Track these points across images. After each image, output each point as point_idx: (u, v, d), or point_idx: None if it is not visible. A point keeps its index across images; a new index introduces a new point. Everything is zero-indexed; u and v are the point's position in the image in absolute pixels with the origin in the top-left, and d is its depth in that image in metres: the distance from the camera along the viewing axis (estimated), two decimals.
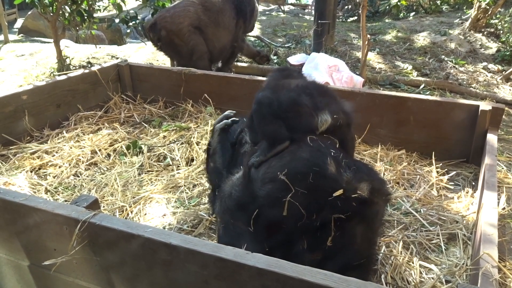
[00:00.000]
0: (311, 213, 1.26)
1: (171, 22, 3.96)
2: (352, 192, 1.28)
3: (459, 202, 2.04)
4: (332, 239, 1.26)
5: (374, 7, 9.42)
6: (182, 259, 1.17)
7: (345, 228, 1.28)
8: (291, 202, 1.25)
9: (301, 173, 1.29)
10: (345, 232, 1.29)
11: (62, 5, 4.71)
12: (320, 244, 1.27)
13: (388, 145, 2.54)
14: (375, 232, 1.43)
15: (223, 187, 1.54)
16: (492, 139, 2.11)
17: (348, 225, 1.28)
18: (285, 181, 1.26)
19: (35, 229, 1.39)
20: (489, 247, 1.28)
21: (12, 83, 4.87)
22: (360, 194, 1.29)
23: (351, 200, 1.27)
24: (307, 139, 1.39)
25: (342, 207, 1.26)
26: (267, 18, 9.22)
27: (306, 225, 1.26)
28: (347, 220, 1.27)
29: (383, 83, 4.74)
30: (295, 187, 1.26)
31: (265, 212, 1.31)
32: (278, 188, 1.28)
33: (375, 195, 1.35)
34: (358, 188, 1.30)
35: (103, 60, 5.54)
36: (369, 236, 1.38)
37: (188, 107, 3.02)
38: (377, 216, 1.39)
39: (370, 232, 1.38)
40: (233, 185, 1.47)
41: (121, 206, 2.03)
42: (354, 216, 1.28)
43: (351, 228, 1.30)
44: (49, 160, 2.38)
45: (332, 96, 1.59)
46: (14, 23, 12.29)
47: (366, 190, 1.31)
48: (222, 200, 1.51)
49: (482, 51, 5.77)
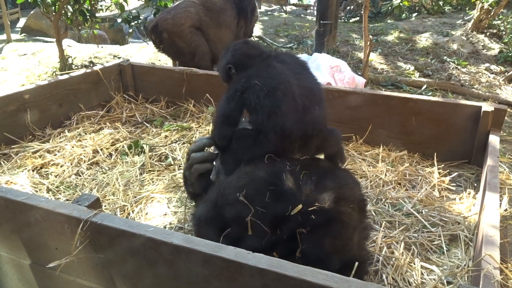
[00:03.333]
0: (274, 229, 1.27)
1: (172, 24, 3.97)
2: (311, 205, 1.27)
3: (461, 203, 2.04)
4: (301, 251, 1.27)
5: (376, 7, 9.42)
6: (184, 259, 1.17)
7: (311, 240, 1.28)
8: (254, 221, 1.26)
9: (259, 193, 1.30)
10: (313, 244, 1.29)
11: (65, 5, 4.73)
12: (290, 257, 1.28)
13: (389, 146, 2.54)
14: (349, 239, 1.39)
15: (196, 209, 1.57)
16: (494, 140, 2.10)
17: (314, 237, 1.28)
18: (245, 202, 1.28)
19: (36, 228, 1.39)
20: (491, 248, 1.28)
21: (14, 82, 4.89)
22: (319, 205, 1.28)
23: (310, 213, 1.26)
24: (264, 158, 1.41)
25: (303, 221, 1.27)
26: (269, 19, 9.22)
27: (273, 241, 1.28)
28: (311, 232, 1.27)
29: (385, 83, 4.74)
30: (255, 206, 1.27)
31: (233, 231, 1.34)
32: (240, 208, 1.30)
33: (340, 204, 1.33)
34: (318, 200, 1.29)
35: (105, 60, 5.55)
36: (340, 245, 1.35)
37: (190, 107, 3.02)
38: (344, 225, 1.35)
39: (340, 241, 1.35)
40: (203, 206, 1.50)
41: (123, 206, 2.03)
42: (318, 228, 1.28)
43: (317, 240, 1.29)
44: (51, 159, 2.39)
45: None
46: (16, 22, 12.32)
47: (328, 200, 1.30)
48: (194, 221, 1.54)
49: (485, 52, 5.76)
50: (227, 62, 1.71)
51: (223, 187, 1.43)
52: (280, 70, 1.55)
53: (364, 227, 1.51)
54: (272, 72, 1.53)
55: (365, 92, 2.57)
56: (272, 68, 1.56)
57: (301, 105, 1.46)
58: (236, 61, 1.68)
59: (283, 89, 1.46)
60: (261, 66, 1.60)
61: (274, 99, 1.43)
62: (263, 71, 1.55)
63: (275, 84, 1.47)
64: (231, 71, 1.69)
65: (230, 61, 1.70)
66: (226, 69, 1.71)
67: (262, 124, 1.44)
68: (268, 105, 1.43)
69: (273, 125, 1.42)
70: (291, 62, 1.64)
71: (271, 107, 1.43)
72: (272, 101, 1.43)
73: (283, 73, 1.53)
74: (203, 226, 1.46)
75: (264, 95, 1.44)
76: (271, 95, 1.44)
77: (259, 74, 1.53)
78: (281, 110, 1.42)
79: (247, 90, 1.49)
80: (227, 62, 1.71)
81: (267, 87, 1.46)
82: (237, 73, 1.67)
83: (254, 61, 1.64)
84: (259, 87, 1.46)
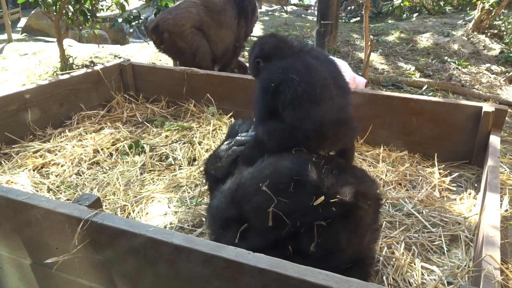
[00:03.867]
0: (294, 221, 1.27)
1: (173, 24, 3.96)
2: (332, 197, 1.27)
3: (462, 203, 2.04)
4: (316, 245, 1.27)
5: (377, 8, 9.41)
6: (184, 259, 1.17)
7: (327, 234, 1.28)
8: (275, 211, 1.26)
9: (283, 182, 1.30)
10: (328, 238, 1.29)
11: (66, 5, 4.73)
12: (304, 250, 1.27)
13: (390, 146, 2.54)
14: (362, 237, 1.40)
15: (212, 200, 1.55)
16: (495, 140, 2.10)
17: (331, 231, 1.28)
18: (268, 192, 1.27)
19: (37, 228, 1.40)
20: (491, 249, 1.28)
21: (15, 82, 4.89)
22: (341, 198, 1.28)
23: (331, 205, 1.26)
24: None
25: (323, 213, 1.26)
26: (269, 19, 9.22)
27: (291, 233, 1.28)
28: (329, 226, 1.27)
29: (385, 84, 4.73)
30: (277, 197, 1.26)
31: (251, 223, 1.33)
32: (262, 199, 1.29)
33: (360, 199, 1.33)
34: (339, 193, 1.29)
35: (106, 60, 5.56)
36: (355, 242, 1.36)
37: (190, 107, 3.02)
38: (361, 221, 1.36)
39: (355, 238, 1.36)
40: (220, 197, 1.48)
41: (123, 205, 2.04)
42: (336, 221, 1.28)
43: (333, 234, 1.29)
44: (51, 159, 2.39)
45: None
46: (17, 22, 12.32)
47: (348, 194, 1.30)
48: (210, 212, 1.52)
49: (485, 52, 5.76)
50: (255, 56, 1.70)
51: (245, 177, 1.41)
52: (316, 66, 1.53)
53: (376, 228, 1.51)
54: (309, 67, 1.51)
55: (365, 92, 2.57)
56: (308, 63, 1.54)
57: (337, 104, 1.47)
58: (265, 54, 1.66)
59: (322, 86, 1.46)
60: (295, 59, 1.57)
61: (313, 96, 1.42)
62: (298, 65, 1.52)
63: (313, 81, 1.45)
64: (259, 64, 1.67)
65: (258, 55, 1.69)
66: (254, 63, 1.69)
67: (299, 120, 1.42)
68: (307, 101, 1.41)
69: (311, 122, 1.41)
70: (323, 60, 1.63)
71: (310, 104, 1.41)
72: (311, 98, 1.42)
73: (319, 70, 1.52)
74: (220, 216, 1.44)
75: (302, 90, 1.42)
76: (310, 91, 1.43)
77: (295, 68, 1.50)
78: (320, 108, 1.42)
79: (284, 83, 1.46)
80: (255, 56, 1.69)
81: (305, 82, 1.44)
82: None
83: (285, 54, 1.62)
84: (296, 82, 1.44)
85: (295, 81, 1.44)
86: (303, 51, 1.64)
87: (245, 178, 1.41)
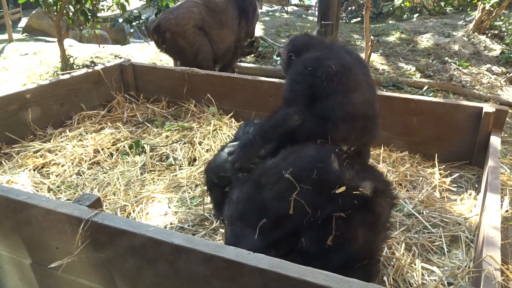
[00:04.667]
0: (315, 209, 1.26)
1: (175, 24, 3.96)
2: (354, 189, 1.27)
3: (462, 204, 2.04)
4: (333, 238, 1.26)
5: (378, 8, 9.40)
6: (184, 259, 1.17)
7: (346, 228, 1.27)
8: (296, 200, 1.25)
9: (306, 169, 1.30)
10: (346, 232, 1.28)
11: (66, 5, 4.73)
12: (321, 243, 1.27)
13: (391, 146, 2.54)
14: (377, 234, 1.41)
15: (231, 191, 1.53)
16: (495, 141, 2.10)
17: (349, 225, 1.28)
18: (291, 180, 1.27)
19: (37, 228, 1.40)
20: (492, 249, 1.28)
21: (15, 82, 4.89)
22: (362, 191, 1.28)
23: (353, 197, 1.26)
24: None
25: (343, 205, 1.26)
26: (270, 19, 9.22)
27: (310, 223, 1.27)
28: (348, 219, 1.26)
29: (386, 84, 4.73)
30: (300, 184, 1.26)
31: (272, 212, 1.32)
32: (284, 187, 1.29)
33: (379, 196, 1.34)
34: (360, 186, 1.29)
35: (106, 60, 5.56)
36: (371, 238, 1.37)
37: (191, 107, 3.02)
38: (379, 218, 1.37)
39: (371, 234, 1.36)
40: (241, 188, 1.47)
41: (123, 205, 2.04)
42: (355, 214, 1.27)
43: (352, 228, 1.29)
44: (52, 159, 2.39)
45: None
46: (18, 22, 12.34)
47: (368, 189, 1.30)
48: (230, 203, 1.51)
49: (486, 53, 5.75)
50: (288, 51, 1.71)
51: (268, 166, 1.41)
52: (349, 60, 1.53)
53: (387, 227, 1.51)
54: (343, 60, 1.51)
55: None
56: (341, 56, 1.54)
57: (367, 99, 1.48)
58: (297, 49, 1.68)
59: (355, 80, 1.46)
60: (329, 52, 1.57)
61: (347, 87, 1.42)
62: (332, 55, 1.52)
63: (348, 74, 1.45)
64: (291, 59, 1.69)
65: (291, 49, 1.70)
66: (287, 59, 1.71)
67: (332, 111, 1.42)
68: (341, 92, 1.41)
69: (344, 114, 1.41)
70: (354, 56, 1.64)
71: (344, 94, 1.41)
72: (345, 89, 1.42)
73: (353, 64, 1.52)
74: (241, 206, 1.43)
75: (338, 80, 1.42)
76: (345, 82, 1.42)
77: (330, 57, 1.50)
78: (353, 101, 1.42)
79: (319, 69, 1.45)
80: (288, 52, 1.71)
81: (340, 73, 1.43)
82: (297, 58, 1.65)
83: (318, 47, 1.63)
84: (333, 71, 1.43)
85: (331, 69, 1.43)
86: (335, 45, 1.66)
87: (268, 167, 1.41)
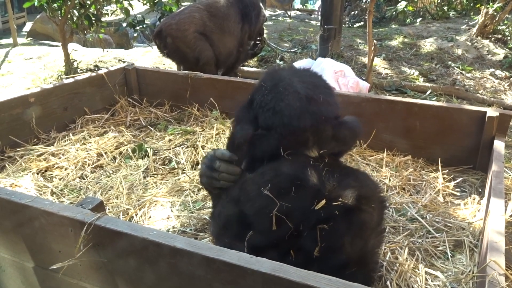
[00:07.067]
0: (297, 225, 1.27)
1: (176, 29, 3.99)
2: (334, 200, 1.27)
3: (466, 208, 2.03)
4: (319, 249, 1.26)
5: (381, 12, 9.43)
6: (186, 262, 1.17)
7: (331, 238, 1.27)
8: (278, 216, 1.26)
9: (284, 187, 1.30)
10: (332, 242, 1.28)
11: (71, 9, 4.77)
12: (307, 254, 1.27)
13: (394, 150, 2.53)
14: (366, 240, 1.38)
15: (215, 207, 1.55)
16: (499, 145, 2.09)
17: (334, 235, 1.27)
18: (270, 196, 1.27)
19: (40, 231, 1.40)
20: (496, 254, 1.27)
21: (20, 86, 4.92)
22: (343, 201, 1.28)
23: (333, 208, 1.26)
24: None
25: (326, 217, 1.26)
26: (273, 23, 9.25)
27: (293, 237, 1.27)
28: (332, 230, 1.26)
29: (389, 88, 4.73)
30: (279, 201, 1.26)
31: (255, 228, 1.33)
32: (264, 203, 1.29)
33: (362, 202, 1.33)
34: (341, 196, 1.29)
35: (110, 64, 5.59)
36: (359, 245, 1.35)
37: (194, 111, 3.03)
38: (365, 224, 1.36)
39: (359, 241, 1.34)
40: (222, 204, 1.48)
41: (126, 209, 2.04)
42: (339, 225, 1.27)
43: (337, 237, 1.29)
44: (55, 163, 2.40)
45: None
46: (23, 26, 12.44)
47: (351, 197, 1.30)
48: (213, 219, 1.53)
49: (489, 57, 5.74)
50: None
51: (246, 183, 1.42)
52: (284, 73, 1.60)
53: (380, 231, 1.50)
54: (277, 76, 1.59)
55: (369, 97, 2.57)
56: (278, 74, 1.62)
57: (304, 96, 1.46)
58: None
59: (284, 85, 1.50)
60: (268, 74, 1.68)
61: (276, 94, 1.48)
62: (268, 77, 1.62)
63: (276, 82, 1.52)
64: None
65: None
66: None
67: (267, 121, 1.45)
68: (272, 101, 1.47)
69: (277, 119, 1.43)
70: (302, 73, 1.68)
71: (275, 103, 1.46)
72: (274, 96, 1.47)
73: (286, 76, 1.58)
74: (222, 223, 1.45)
75: (267, 92, 1.50)
76: (273, 91, 1.49)
77: (264, 79, 1.61)
78: (283, 103, 1.44)
79: (255, 94, 1.57)
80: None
81: (270, 86, 1.52)
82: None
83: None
84: (264, 88, 1.53)
85: (262, 87, 1.54)
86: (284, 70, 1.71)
87: (246, 184, 1.41)
